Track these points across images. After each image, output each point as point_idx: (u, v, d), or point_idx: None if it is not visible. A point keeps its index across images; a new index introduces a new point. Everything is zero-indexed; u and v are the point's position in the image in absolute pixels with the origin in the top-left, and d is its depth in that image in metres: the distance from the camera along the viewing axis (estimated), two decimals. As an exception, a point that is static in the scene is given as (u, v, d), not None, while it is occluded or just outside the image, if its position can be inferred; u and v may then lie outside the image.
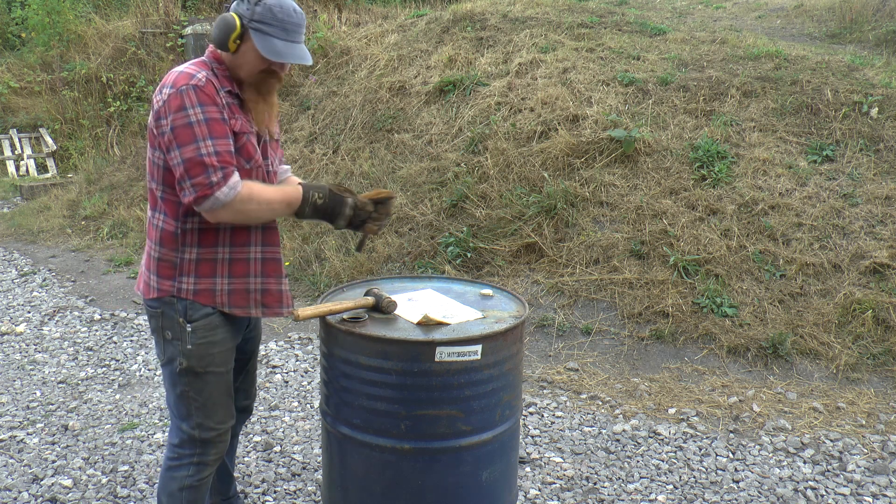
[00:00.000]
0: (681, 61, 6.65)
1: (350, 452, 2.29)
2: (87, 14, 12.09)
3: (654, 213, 5.12)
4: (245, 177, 2.14)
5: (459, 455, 2.21)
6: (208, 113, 2.04)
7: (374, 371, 2.15)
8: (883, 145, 5.38)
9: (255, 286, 2.26)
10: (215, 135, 2.04)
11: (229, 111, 2.11)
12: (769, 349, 4.25)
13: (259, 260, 2.26)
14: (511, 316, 2.34)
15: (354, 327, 2.20)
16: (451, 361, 2.09)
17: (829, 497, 3.11)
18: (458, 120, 6.39)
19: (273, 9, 2.05)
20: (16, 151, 10.78)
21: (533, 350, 4.51)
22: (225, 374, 2.30)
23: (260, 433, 3.60)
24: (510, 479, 2.42)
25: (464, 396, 2.16)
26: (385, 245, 5.61)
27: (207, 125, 2.03)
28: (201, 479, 2.32)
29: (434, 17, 8.41)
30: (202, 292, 2.19)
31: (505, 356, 2.22)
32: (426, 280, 2.72)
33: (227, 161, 2.04)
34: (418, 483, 2.20)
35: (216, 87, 2.10)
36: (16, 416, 3.80)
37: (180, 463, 2.31)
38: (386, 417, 2.17)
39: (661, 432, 3.61)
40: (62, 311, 5.40)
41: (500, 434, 2.28)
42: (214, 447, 2.32)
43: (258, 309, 2.26)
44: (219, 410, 2.29)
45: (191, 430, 2.28)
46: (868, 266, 4.57)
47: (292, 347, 4.69)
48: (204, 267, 2.19)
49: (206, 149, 2.02)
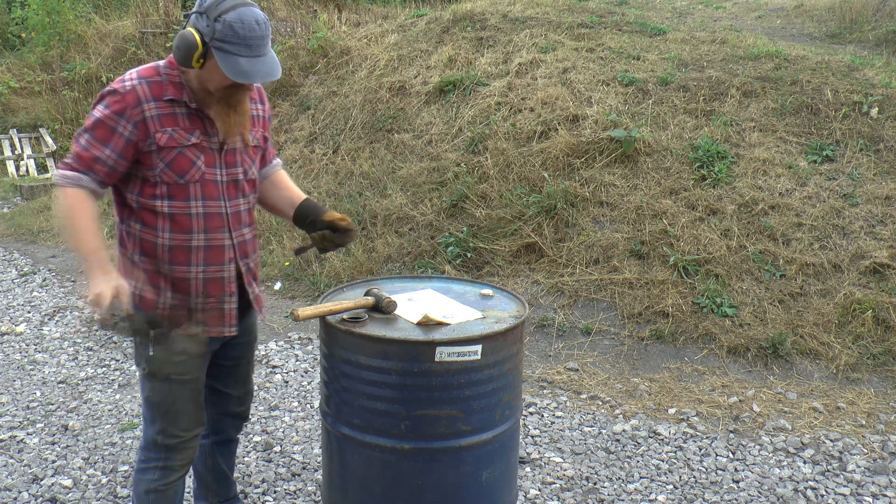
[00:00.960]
0: (681, 61, 6.65)
1: (350, 452, 2.29)
2: (87, 14, 12.09)
3: (654, 213, 5.12)
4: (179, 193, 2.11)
5: (459, 455, 2.20)
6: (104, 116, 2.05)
7: (374, 371, 2.15)
8: (883, 145, 5.38)
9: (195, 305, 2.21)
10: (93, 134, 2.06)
11: (158, 123, 2.07)
12: (769, 349, 4.25)
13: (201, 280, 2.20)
14: (511, 316, 2.34)
15: (354, 327, 2.20)
16: (451, 361, 2.09)
17: (829, 497, 3.11)
18: (458, 120, 6.39)
19: (234, 25, 1.94)
20: (16, 151, 10.78)
21: (533, 350, 4.51)
22: (190, 381, 2.26)
23: (260, 433, 3.60)
24: (510, 479, 2.42)
25: (464, 396, 2.15)
26: (385, 245, 5.62)
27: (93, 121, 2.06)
28: (167, 483, 2.31)
29: (434, 17, 8.41)
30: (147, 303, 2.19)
31: (505, 356, 2.22)
32: (426, 280, 2.72)
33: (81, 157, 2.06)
34: (418, 483, 2.20)
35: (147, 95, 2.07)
36: (16, 416, 3.80)
37: (146, 466, 2.31)
38: (386, 417, 2.17)
39: (661, 432, 3.61)
40: (62, 311, 5.40)
41: (501, 434, 2.28)
42: (179, 454, 2.30)
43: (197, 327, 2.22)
44: (183, 418, 2.26)
45: (155, 434, 2.27)
46: (868, 266, 4.57)
47: (292, 347, 4.69)
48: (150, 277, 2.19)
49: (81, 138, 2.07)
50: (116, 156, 2.06)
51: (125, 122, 2.05)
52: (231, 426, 2.62)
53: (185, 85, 2.11)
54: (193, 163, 2.13)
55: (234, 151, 2.22)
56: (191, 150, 2.12)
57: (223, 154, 2.20)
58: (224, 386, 2.51)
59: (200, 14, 1.98)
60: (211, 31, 1.96)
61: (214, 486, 2.68)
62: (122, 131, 2.05)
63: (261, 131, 2.34)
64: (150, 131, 2.06)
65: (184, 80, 2.11)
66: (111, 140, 2.05)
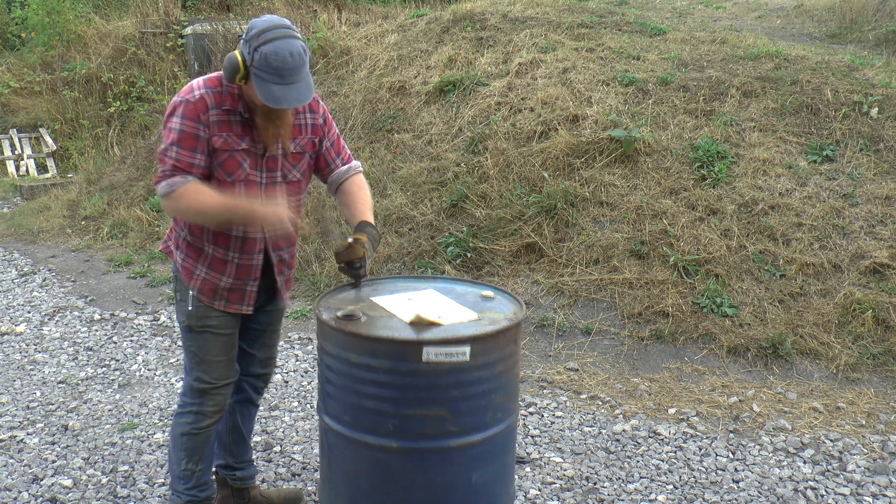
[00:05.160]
0: (681, 61, 6.65)
1: (341, 449, 2.31)
2: (87, 14, 12.09)
3: (654, 213, 5.12)
4: (226, 188, 2.41)
5: (448, 456, 2.19)
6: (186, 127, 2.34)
7: (363, 369, 2.16)
8: (883, 145, 5.38)
9: (225, 284, 2.53)
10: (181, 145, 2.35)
11: (216, 128, 2.37)
12: (769, 349, 4.25)
13: (235, 264, 2.52)
14: (506, 318, 2.32)
15: (346, 325, 2.20)
16: (439, 362, 2.08)
17: (829, 497, 3.12)
18: (458, 120, 6.39)
19: (268, 57, 2.20)
20: (16, 151, 10.78)
21: (533, 350, 4.51)
22: (223, 336, 2.57)
23: (260, 433, 3.60)
24: (504, 481, 2.40)
25: (452, 397, 2.14)
26: (385, 245, 5.62)
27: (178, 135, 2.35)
28: (200, 428, 2.61)
29: (434, 17, 8.41)
30: (186, 270, 2.55)
31: (496, 358, 2.20)
32: (429, 280, 2.72)
33: (178, 167, 2.34)
34: (407, 482, 2.20)
35: (212, 103, 2.36)
36: (16, 416, 3.80)
37: (183, 410, 2.63)
38: (374, 416, 2.18)
39: (661, 432, 3.61)
40: (62, 311, 5.40)
41: (493, 436, 2.25)
42: (211, 399, 2.59)
43: (221, 302, 2.54)
44: (216, 367, 2.58)
45: (192, 381, 2.59)
46: (868, 266, 4.57)
47: (292, 347, 4.69)
48: (191, 251, 2.54)
49: (170, 152, 2.35)
50: (204, 156, 2.38)
51: (201, 125, 2.35)
52: (252, 388, 2.87)
53: (241, 97, 2.40)
54: (240, 165, 2.43)
55: (274, 158, 2.49)
56: (239, 154, 2.42)
57: (265, 159, 2.48)
58: (250, 347, 2.78)
59: (246, 41, 2.26)
60: (251, 59, 2.24)
61: (232, 447, 2.90)
62: (202, 134, 2.36)
63: (309, 138, 2.57)
64: (211, 134, 2.38)
65: (239, 93, 2.40)
66: (197, 145, 2.36)
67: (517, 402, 2.41)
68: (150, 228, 7.19)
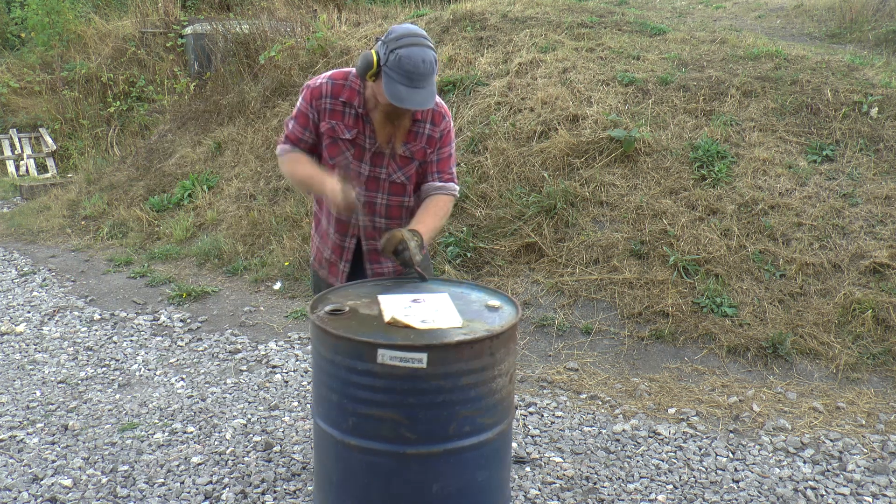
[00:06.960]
0: (681, 61, 6.65)
1: (318, 440, 2.37)
2: (86, 14, 12.10)
3: (654, 212, 5.12)
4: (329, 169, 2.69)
5: (405, 462, 2.17)
6: (302, 107, 2.71)
7: (329, 364, 2.19)
8: (883, 145, 5.38)
9: (326, 255, 2.90)
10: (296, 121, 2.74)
11: (330, 114, 2.67)
12: (769, 349, 4.25)
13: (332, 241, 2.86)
14: (486, 329, 2.23)
15: (319, 320, 2.23)
16: (394, 366, 2.08)
17: (829, 497, 3.12)
18: (457, 120, 6.39)
19: (402, 59, 2.38)
20: (16, 151, 10.78)
21: (533, 350, 4.51)
22: None
23: (260, 433, 3.60)
24: (473, 499, 2.32)
25: (407, 403, 2.12)
26: (385, 245, 5.61)
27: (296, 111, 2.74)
28: None
29: (434, 17, 8.41)
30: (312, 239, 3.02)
31: (461, 370, 2.13)
32: (448, 284, 2.66)
33: (289, 137, 2.76)
34: (364, 481, 2.22)
35: (328, 92, 2.65)
36: (16, 416, 3.80)
37: None
38: (337, 412, 2.21)
39: (661, 432, 3.61)
40: (62, 310, 5.40)
41: (456, 450, 2.19)
42: None
43: (323, 270, 2.92)
44: None
45: None
46: (868, 266, 4.57)
47: (292, 347, 4.69)
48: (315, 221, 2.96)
49: (289, 123, 2.78)
50: (310, 133, 2.72)
51: (312, 108, 2.68)
52: None
53: (361, 93, 2.63)
54: (343, 152, 2.69)
55: (381, 155, 2.69)
56: (344, 142, 2.68)
57: (372, 154, 2.68)
58: None
59: (384, 42, 2.44)
60: (385, 59, 2.42)
61: None
62: (312, 115, 2.69)
63: (422, 147, 2.71)
64: (320, 119, 2.68)
65: (361, 89, 2.63)
66: (307, 124, 2.71)
67: (497, 420, 2.29)
68: (149, 228, 7.19)
